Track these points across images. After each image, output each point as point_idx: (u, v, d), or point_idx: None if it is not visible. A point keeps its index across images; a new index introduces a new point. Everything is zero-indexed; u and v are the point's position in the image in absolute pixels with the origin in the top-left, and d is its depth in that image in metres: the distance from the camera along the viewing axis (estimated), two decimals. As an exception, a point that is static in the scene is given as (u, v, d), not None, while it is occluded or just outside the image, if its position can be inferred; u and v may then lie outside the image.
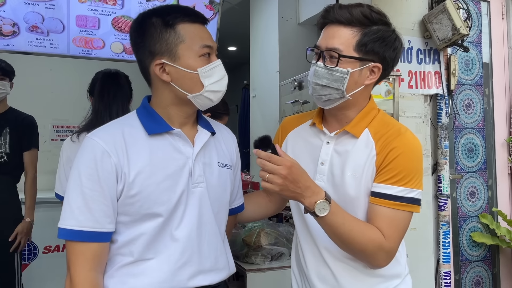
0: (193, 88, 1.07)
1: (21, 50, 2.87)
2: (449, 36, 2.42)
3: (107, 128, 1.09)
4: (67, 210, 1.01)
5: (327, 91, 1.15)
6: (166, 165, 1.07)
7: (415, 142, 1.17)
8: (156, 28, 1.07)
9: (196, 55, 1.06)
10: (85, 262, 1.00)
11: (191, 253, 1.09)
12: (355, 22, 1.12)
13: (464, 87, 2.86)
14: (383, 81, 2.17)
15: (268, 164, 1.02)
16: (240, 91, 5.72)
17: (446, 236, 2.58)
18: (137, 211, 1.04)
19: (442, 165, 2.58)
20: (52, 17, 2.87)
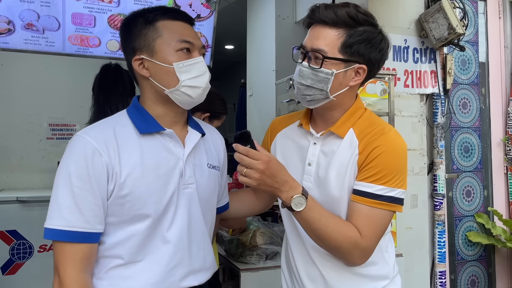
0: (169, 83, 1.07)
1: (16, 48, 2.85)
2: (445, 35, 2.41)
3: (98, 127, 1.07)
4: (55, 209, 0.98)
5: (312, 92, 1.15)
6: (157, 166, 1.06)
7: (398, 141, 1.15)
8: (137, 25, 1.09)
9: (173, 49, 1.06)
10: (75, 264, 0.98)
11: (182, 254, 1.08)
12: (340, 23, 1.10)
13: (461, 86, 2.86)
14: (379, 80, 2.16)
15: (246, 158, 1.03)
16: (237, 90, 5.71)
17: (442, 235, 2.58)
18: (127, 212, 1.02)
19: (438, 164, 2.58)
20: (48, 14, 2.85)
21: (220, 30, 4.02)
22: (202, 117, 1.87)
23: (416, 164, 2.56)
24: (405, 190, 1.14)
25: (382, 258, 1.22)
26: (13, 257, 3.41)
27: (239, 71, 5.73)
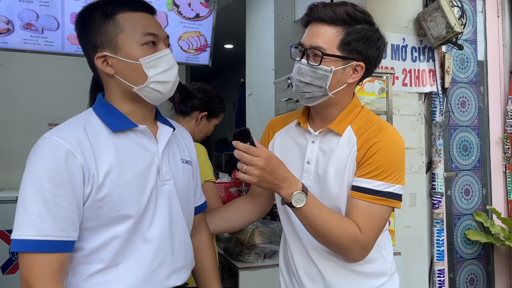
0: (137, 80, 1.02)
1: (15, 47, 2.85)
2: (443, 34, 2.42)
3: (67, 127, 1.01)
4: (24, 219, 0.90)
5: (310, 89, 1.16)
6: (134, 164, 1.02)
7: (396, 138, 1.17)
8: (95, 20, 1.03)
9: (137, 44, 1.01)
10: (51, 275, 0.91)
11: (165, 252, 1.05)
12: (338, 21, 1.12)
13: (459, 85, 2.86)
14: (377, 79, 2.17)
15: (246, 155, 1.03)
16: (236, 89, 5.71)
17: (440, 234, 2.59)
18: (107, 215, 0.97)
19: (436, 163, 2.58)
20: (47, 14, 2.86)
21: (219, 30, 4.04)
22: (199, 116, 1.87)
23: (414, 162, 2.57)
24: (403, 186, 1.15)
25: (380, 255, 1.23)
26: (13, 257, 3.42)
27: (238, 70, 5.74)
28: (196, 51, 3.42)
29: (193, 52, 3.41)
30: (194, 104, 1.86)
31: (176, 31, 3.25)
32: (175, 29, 3.25)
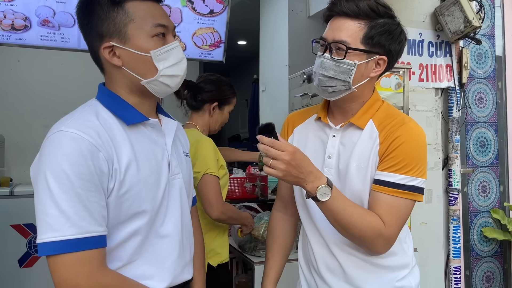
0: (146, 73, 0.98)
1: (32, 44, 2.90)
2: (461, 28, 2.38)
3: (82, 119, 0.93)
4: (59, 219, 0.84)
5: (334, 83, 1.16)
6: (148, 159, 0.99)
7: (418, 131, 1.17)
8: (102, 7, 0.96)
9: (148, 35, 0.97)
10: (101, 268, 0.88)
11: (178, 247, 1.05)
12: (362, 15, 1.12)
13: (477, 80, 2.82)
14: (393, 74, 2.15)
15: (271, 149, 1.02)
16: (250, 86, 5.71)
17: (457, 231, 2.56)
18: (125, 212, 0.94)
19: (453, 159, 2.55)
20: (63, 11, 2.90)
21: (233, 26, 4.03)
22: (211, 107, 1.87)
23: (431, 158, 2.54)
24: (426, 180, 1.15)
25: (401, 248, 1.23)
26: (30, 250, 3.48)
27: (252, 67, 5.73)
28: (210, 47, 3.44)
29: (207, 48, 3.42)
30: (203, 97, 1.86)
31: (190, 27, 3.26)
32: (189, 25, 3.26)
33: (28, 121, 4.44)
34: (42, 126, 4.53)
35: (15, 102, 4.42)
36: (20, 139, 4.37)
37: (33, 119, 4.43)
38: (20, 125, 4.40)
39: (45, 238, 0.84)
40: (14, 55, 4.38)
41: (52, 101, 4.48)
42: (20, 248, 3.44)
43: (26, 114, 4.43)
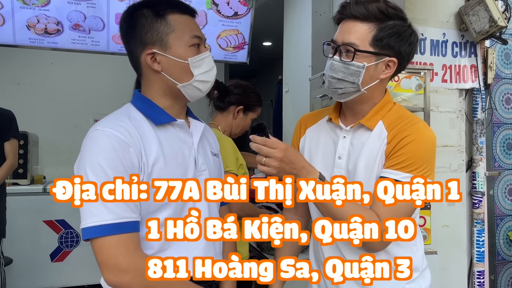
0: (183, 78, 1.09)
1: (64, 47, 3.03)
2: (486, 28, 2.34)
3: (115, 120, 1.05)
4: (98, 206, 0.95)
5: (343, 85, 1.17)
6: (176, 155, 1.08)
7: (428, 132, 1.16)
8: (147, 18, 1.08)
9: (186, 44, 1.08)
10: (136, 249, 0.99)
11: (207, 243, 1.13)
12: (371, 17, 1.13)
13: (504, 81, 2.76)
14: (414, 75, 2.13)
15: (264, 148, 1.05)
16: (274, 86, 5.74)
17: (481, 234, 2.51)
18: (154, 203, 1.03)
19: (477, 161, 2.51)
20: (93, 15, 3.01)
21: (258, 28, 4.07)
22: (236, 110, 1.92)
23: (454, 160, 2.50)
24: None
25: (410, 251, 1.23)
26: (61, 245, 3.62)
27: (277, 67, 5.75)
28: (234, 49, 3.49)
29: (231, 50, 3.48)
30: (231, 99, 1.91)
31: (215, 29, 3.32)
32: (214, 27, 3.32)
33: (61, 121, 4.61)
34: (74, 126, 4.73)
35: (49, 103, 4.61)
36: (54, 138, 4.55)
37: (65, 119, 4.60)
38: (53, 124, 4.58)
39: (87, 223, 0.96)
40: (48, 58, 4.56)
41: (83, 102, 4.64)
42: (52, 243, 3.59)
43: (59, 114, 4.61)
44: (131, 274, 0.97)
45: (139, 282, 0.97)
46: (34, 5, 2.88)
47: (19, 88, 4.57)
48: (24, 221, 3.47)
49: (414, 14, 2.43)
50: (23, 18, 2.85)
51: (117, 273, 0.96)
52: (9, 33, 2.87)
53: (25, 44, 2.92)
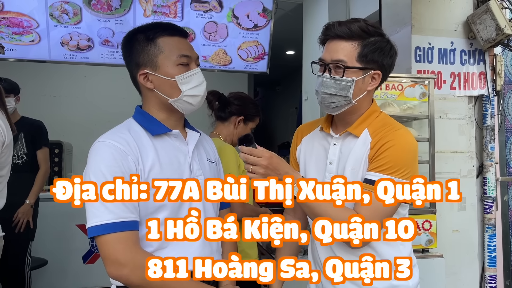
0: (172, 94, 1.20)
1: (95, 62, 3.27)
2: (493, 36, 2.38)
3: (116, 133, 1.18)
4: (99, 208, 1.07)
5: (335, 99, 1.28)
6: (171, 162, 1.19)
7: (407, 138, 1.25)
8: (140, 42, 1.20)
9: (174, 64, 1.18)
10: (135, 245, 1.09)
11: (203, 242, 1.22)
12: (354, 36, 1.24)
13: (517, 87, 2.77)
14: (418, 84, 2.20)
15: (250, 157, 1.17)
16: (298, 94, 5.84)
17: (492, 239, 2.53)
18: (152, 204, 1.13)
19: (488, 167, 2.53)
20: (121, 31, 3.23)
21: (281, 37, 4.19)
22: (237, 120, 2.04)
23: (463, 166, 2.54)
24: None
25: (397, 249, 1.30)
26: (92, 248, 3.81)
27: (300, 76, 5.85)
28: (255, 60, 3.63)
29: (252, 60, 3.62)
30: (231, 110, 2.04)
31: (235, 41, 3.48)
32: (234, 39, 3.48)
33: (93, 130, 4.83)
34: (104, 135, 4.95)
35: (82, 113, 4.88)
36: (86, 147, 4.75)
37: (97, 129, 4.80)
38: (86, 134, 4.80)
39: (91, 223, 1.08)
40: (81, 72, 4.84)
41: (113, 112, 4.86)
42: (84, 246, 3.78)
43: (91, 124, 4.87)
44: (129, 267, 1.07)
45: (138, 275, 1.08)
46: (67, 24, 3.12)
47: (54, 100, 4.87)
48: (58, 224, 3.69)
49: (421, 24, 2.50)
50: (58, 36, 3.09)
51: (117, 267, 1.07)
52: (45, 49, 3.12)
53: (60, 60, 3.17)
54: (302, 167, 1.42)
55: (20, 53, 3.01)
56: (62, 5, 3.08)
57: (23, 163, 3.01)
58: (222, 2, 3.38)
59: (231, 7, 3.39)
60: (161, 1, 3.31)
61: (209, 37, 3.43)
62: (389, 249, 1.29)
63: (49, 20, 3.07)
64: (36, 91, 4.79)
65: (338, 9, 3.66)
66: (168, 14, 3.35)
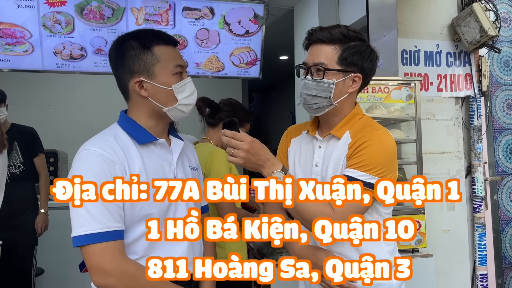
0: (168, 102, 1.21)
1: (88, 70, 3.30)
2: (478, 38, 2.43)
3: (101, 140, 1.17)
4: (86, 217, 1.07)
5: (317, 100, 1.32)
6: (156, 171, 1.19)
7: (385, 138, 1.29)
8: (135, 49, 1.19)
9: (170, 73, 1.20)
10: (121, 254, 1.09)
11: (187, 244, 1.23)
12: (335, 40, 1.29)
13: (504, 87, 2.81)
14: (404, 87, 2.24)
15: (232, 140, 1.20)
16: (293, 99, 5.88)
17: (482, 238, 2.56)
18: (138, 213, 1.14)
19: (476, 167, 2.57)
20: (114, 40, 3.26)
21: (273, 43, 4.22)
22: None
23: (452, 167, 2.57)
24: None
25: (379, 247, 1.33)
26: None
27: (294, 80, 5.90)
28: (247, 65, 3.67)
29: (244, 66, 3.67)
30: (221, 116, 2.08)
31: (227, 48, 3.53)
32: (226, 46, 3.53)
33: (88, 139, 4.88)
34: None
35: (77, 122, 4.91)
36: (82, 155, 4.82)
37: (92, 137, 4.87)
38: (81, 143, 4.81)
39: (77, 232, 1.08)
40: (76, 81, 4.88)
41: (109, 120, 4.90)
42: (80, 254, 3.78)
43: (86, 133, 4.85)
44: (115, 276, 1.08)
45: (124, 284, 1.09)
46: (60, 33, 3.16)
47: (49, 109, 4.90)
48: (54, 233, 3.71)
49: (407, 27, 2.54)
50: (51, 46, 3.12)
51: (104, 276, 1.08)
52: (38, 59, 3.14)
53: (53, 69, 3.20)
54: (291, 168, 1.46)
55: (14, 64, 3.04)
56: (54, 15, 3.11)
57: (20, 172, 3.03)
58: (214, 9, 3.42)
59: (222, 14, 3.43)
60: (153, 9, 3.35)
61: (201, 44, 3.47)
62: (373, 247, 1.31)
63: (41, 30, 3.10)
64: (30, 101, 4.82)
65: (328, 14, 3.71)
66: (160, 22, 3.39)
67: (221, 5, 3.41)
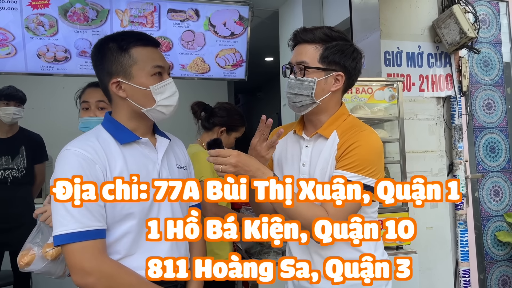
0: (146, 103, 1.21)
1: (73, 73, 3.27)
2: (457, 39, 2.49)
3: (83, 140, 1.17)
4: (66, 217, 1.08)
5: (300, 98, 1.35)
6: (139, 169, 1.19)
7: (372, 138, 1.32)
8: (112, 52, 1.19)
9: (148, 74, 1.19)
10: (101, 254, 1.09)
11: (170, 244, 1.23)
12: (317, 39, 1.32)
13: (484, 87, 2.89)
14: (387, 87, 2.28)
15: (219, 158, 1.21)
16: (279, 100, 5.92)
17: (464, 234, 2.62)
18: (119, 212, 1.14)
19: (457, 165, 2.63)
20: (99, 42, 3.25)
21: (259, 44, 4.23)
22: (219, 130, 2.10)
23: (434, 165, 2.63)
24: (375, 180, 1.28)
25: (366, 244, 1.36)
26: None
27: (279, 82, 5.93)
28: (233, 67, 3.69)
29: (230, 68, 3.68)
30: (215, 121, 2.10)
31: (213, 49, 3.53)
32: (212, 47, 3.53)
33: (73, 141, 4.85)
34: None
35: (61, 125, 4.85)
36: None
37: (77, 140, 4.84)
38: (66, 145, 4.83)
39: (57, 232, 1.08)
40: (59, 83, 4.83)
41: (93, 123, 4.88)
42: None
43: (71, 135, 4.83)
44: (95, 276, 1.08)
45: (103, 284, 1.09)
46: (43, 36, 3.12)
47: (33, 112, 4.81)
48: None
49: (389, 29, 2.59)
50: (34, 48, 3.09)
51: (83, 275, 1.08)
52: (21, 62, 3.11)
53: (37, 72, 3.16)
54: (277, 168, 1.48)
55: (-4, 66, 3.00)
56: (37, 17, 3.08)
57: (22, 177, 3.00)
58: (199, 11, 3.43)
59: (207, 15, 3.44)
60: (138, 11, 3.34)
61: (186, 46, 3.47)
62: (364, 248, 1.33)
63: (25, 33, 3.07)
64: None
65: (312, 15, 3.75)
66: (145, 24, 3.38)
67: (206, 7, 3.42)
